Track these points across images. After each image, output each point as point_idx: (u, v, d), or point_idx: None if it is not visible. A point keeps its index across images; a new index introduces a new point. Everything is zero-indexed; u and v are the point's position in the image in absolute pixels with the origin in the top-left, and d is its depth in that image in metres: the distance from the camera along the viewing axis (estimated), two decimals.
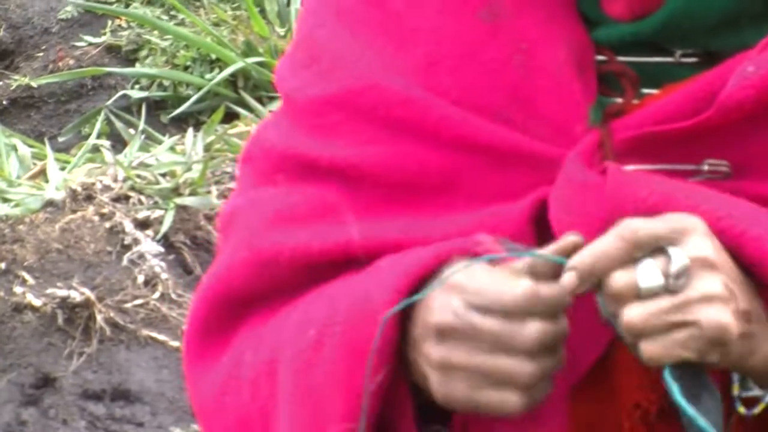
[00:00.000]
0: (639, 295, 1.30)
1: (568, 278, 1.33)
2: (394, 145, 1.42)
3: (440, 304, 1.33)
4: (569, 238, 1.36)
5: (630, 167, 1.38)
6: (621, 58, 1.42)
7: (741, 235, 1.33)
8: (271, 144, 1.51)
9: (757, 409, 1.33)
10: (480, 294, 1.33)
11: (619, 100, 1.40)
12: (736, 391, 1.35)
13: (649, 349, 1.30)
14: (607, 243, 1.32)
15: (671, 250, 1.30)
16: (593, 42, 1.41)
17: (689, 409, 1.31)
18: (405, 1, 1.45)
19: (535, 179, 1.40)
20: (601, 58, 1.41)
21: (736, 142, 1.38)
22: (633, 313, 1.29)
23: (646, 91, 1.40)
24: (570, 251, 1.35)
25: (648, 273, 1.29)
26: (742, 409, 1.34)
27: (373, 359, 1.33)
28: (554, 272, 1.37)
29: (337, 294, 1.40)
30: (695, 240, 1.32)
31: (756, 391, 1.35)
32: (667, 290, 1.30)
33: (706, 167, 1.37)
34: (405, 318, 1.34)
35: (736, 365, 1.36)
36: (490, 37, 1.44)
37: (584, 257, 1.32)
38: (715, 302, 1.31)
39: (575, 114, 1.41)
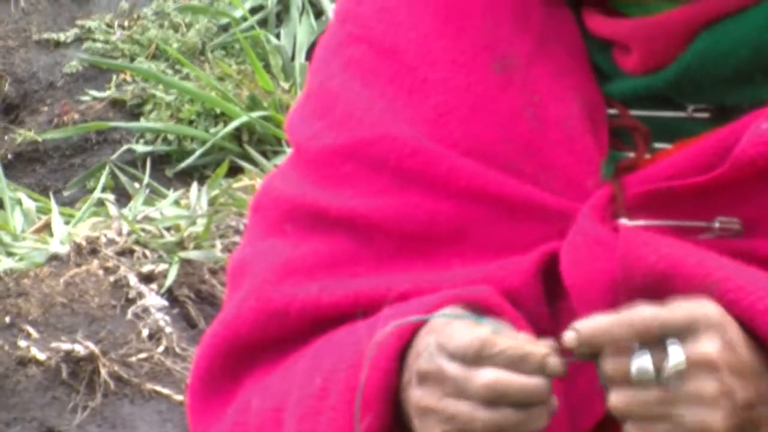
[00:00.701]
0: (630, 381, 1.28)
1: (569, 336, 1.29)
2: (405, 195, 1.42)
3: (422, 349, 1.32)
4: (539, 350, 1.31)
5: (641, 222, 1.36)
6: (633, 112, 1.41)
7: (751, 307, 1.32)
8: (281, 193, 1.50)
9: None
10: (448, 338, 1.31)
11: (632, 154, 1.39)
12: None
13: (630, 429, 1.29)
14: (615, 322, 1.30)
15: (671, 348, 1.28)
16: (605, 95, 1.41)
17: None
18: (416, 52, 1.47)
19: (545, 232, 1.40)
20: (613, 111, 1.41)
21: (748, 199, 1.37)
22: (619, 398, 1.27)
23: (658, 145, 1.39)
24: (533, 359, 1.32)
25: (642, 365, 1.28)
26: None
27: (361, 401, 1.31)
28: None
29: (343, 342, 1.38)
30: (701, 337, 1.30)
31: None
32: (659, 383, 1.29)
33: (717, 224, 1.35)
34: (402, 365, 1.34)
35: None
36: (502, 88, 1.43)
37: (589, 326, 1.29)
38: (705, 404, 1.30)
39: (587, 168, 1.40)
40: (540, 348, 1.31)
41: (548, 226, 1.40)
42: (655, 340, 1.28)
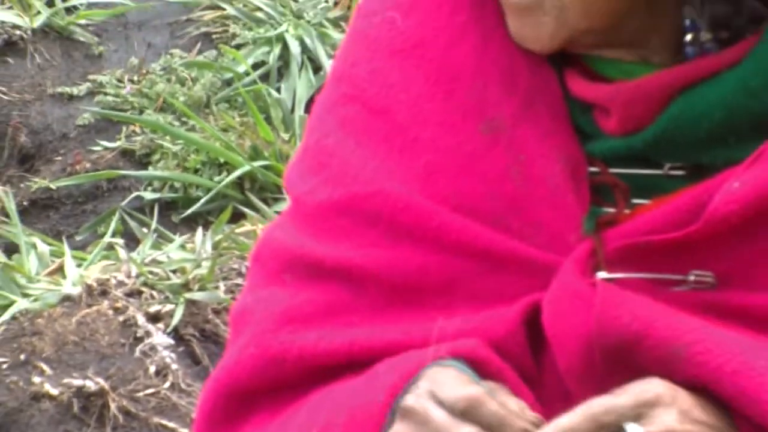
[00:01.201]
0: None
1: None
2: (396, 248, 1.47)
3: (411, 390, 1.37)
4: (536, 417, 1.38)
5: (620, 275, 1.41)
6: (613, 170, 1.44)
7: (718, 369, 1.35)
8: (280, 244, 1.53)
9: None
10: (441, 386, 1.37)
11: (612, 210, 1.43)
12: None
13: None
14: (574, 421, 1.34)
15: (629, 429, 1.32)
16: (587, 154, 1.45)
17: None
18: (407, 113, 1.50)
19: (530, 284, 1.43)
20: (594, 169, 1.44)
21: (721, 254, 1.40)
22: None
23: (636, 201, 1.44)
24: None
25: None
26: None
27: None
28: None
29: (338, 397, 1.43)
30: (658, 413, 1.34)
31: None
32: None
33: (692, 278, 1.40)
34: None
35: None
36: (488, 148, 1.46)
37: (555, 429, 1.34)
38: None
39: (570, 223, 1.44)
40: (520, 422, 1.35)
41: (533, 279, 1.43)
42: (615, 428, 1.33)
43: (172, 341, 3.17)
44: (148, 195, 3.57)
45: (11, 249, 3.46)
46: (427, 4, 1.59)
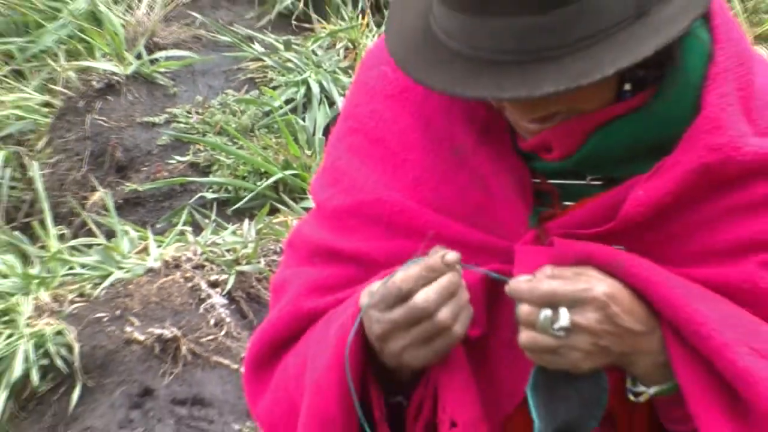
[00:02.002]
0: (535, 327, 1.32)
1: (507, 289, 1.36)
2: (392, 240, 1.45)
3: (367, 321, 1.38)
4: (446, 255, 1.36)
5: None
6: (550, 181, 1.43)
7: (647, 280, 1.34)
8: (307, 236, 1.55)
9: (642, 398, 1.38)
10: (384, 299, 1.35)
11: (549, 209, 1.43)
12: (628, 385, 1.38)
13: (528, 355, 1.35)
14: (529, 289, 1.34)
15: (561, 313, 1.32)
16: (531, 168, 1.43)
17: (530, 396, 1.36)
18: (397, 141, 1.48)
19: (491, 262, 1.42)
20: (536, 180, 1.43)
21: (628, 240, 1.38)
22: (524, 336, 1.33)
23: (567, 203, 1.43)
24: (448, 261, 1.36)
25: (543, 320, 1.31)
26: (632, 397, 1.39)
27: (340, 343, 1.38)
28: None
29: (339, 311, 1.43)
30: (586, 310, 1.33)
31: (641, 387, 1.38)
32: (554, 334, 1.32)
33: None
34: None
35: (624, 369, 1.38)
36: (458, 166, 1.45)
37: (515, 288, 1.34)
38: (579, 352, 1.33)
39: (519, 220, 1.42)
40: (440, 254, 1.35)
41: (493, 258, 1.42)
42: (553, 305, 1.32)
43: (226, 301, 3.16)
44: (209, 195, 3.57)
45: (110, 234, 3.47)
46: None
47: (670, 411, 1.42)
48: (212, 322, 3.03)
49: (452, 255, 1.36)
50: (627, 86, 1.38)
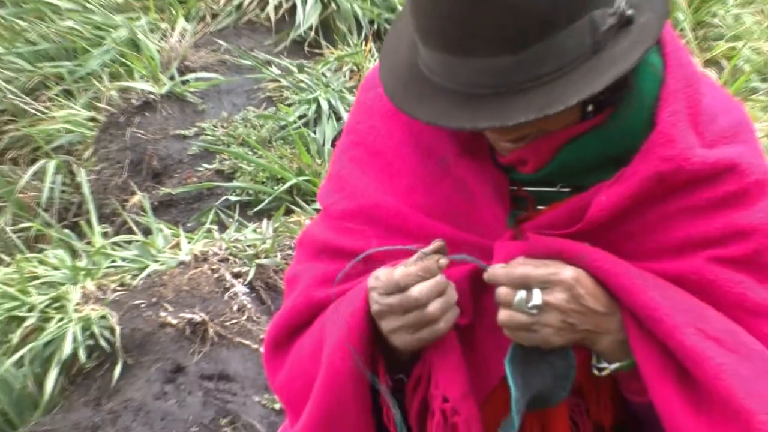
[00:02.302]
0: (511, 306, 1.34)
1: (485, 275, 1.36)
2: (389, 240, 1.44)
3: (370, 299, 1.39)
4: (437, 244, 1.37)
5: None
6: (525, 188, 1.44)
7: (608, 271, 1.35)
8: (315, 236, 1.55)
9: (605, 373, 1.39)
10: (384, 286, 1.37)
11: (525, 213, 1.43)
12: (593, 361, 1.40)
13: (506, 332, 1.36)
14: (505, 273, 1.35)
15: (535, 293, 1.34)
16: (508, 177, 1.43)
17: (510, 376, 1.36)
18: (392, 153, 1.48)
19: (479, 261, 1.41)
20: (513, 188, 1.43)
21: (594, 239, 1.38)
22: (501, 315, 1.35)
23: (540, 207, 1.43)
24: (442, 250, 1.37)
25: (519, 299, 1.33)
26: (596, 372, 1.39)
27: (353, 318, 1.39)
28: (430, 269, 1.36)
29: (347, 296, 1.43)
30: (557, 290, 1.34)
31: (604, 364, 1.39)
32: (528, 311, 1.34)
33: None
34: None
35: (589, 348, 1.39)
36: (444, 176, 1.44)
37: (492, 273, 1.36)
38: (550, 329, 1.35)
39: (499, 222, 1.43)
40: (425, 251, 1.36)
41: (476, 255, 1.41)
42: (528, 287, 1.33)
43: (247, 290, 3.16)
44: (233, 198, 3.56)
45: (147, 232, 3.48)
46: None
47: (629, 384, 1.41)
48: (235, 308, 3.03)
49: (444, 260, 1.37)
50: (590, 108, 1.39)
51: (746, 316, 1.39)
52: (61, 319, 2.87)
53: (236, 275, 3.16)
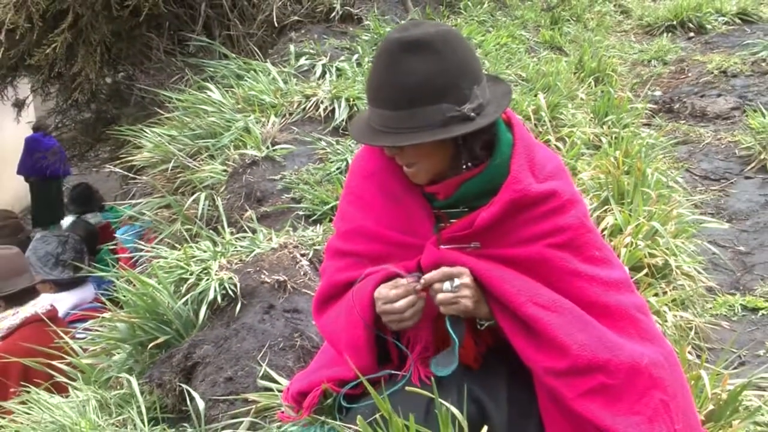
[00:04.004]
0: (442, 291, 1.36)
1: (422, 280, 1.36)
2: (371, 245, 1.46)
3: (377, 299, 1.39)
4: (412, 281, 1.38)
5: (449, 246, 1.43)
6: (443, 210, 1.45)
7: (486, 275, 1.37)
8: (332, 245, 1.55)
9: (483, 327, 1.42)
10: (384, 298, 1.40)
11: (443, 224, 1.44)
12: (477, 322, 1.43)
13: (442, 309, 1.38)
14: (435, 275, 1.38)
15: (455, 280, 1.36)
16: (432, 205, 1.45)
17: (451, 331, 1.38)
18: (368, 197, 1.48)
19: (417, 254, 1.44)
20: (435, 210, 1.45)
21: (482, 238, 1.40)
22: (439, 296, 1.37)
23: (453, 220, 1.45)
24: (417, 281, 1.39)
25: (446, 286, 1.37)
26: (479, 327, 1.43)
27: (364, 305, 1.40)
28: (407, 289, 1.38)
29: (355, 289, 1.43)
30: (464, 277, 1.37)
31: (483, 322, 1.43)
32: (452, 291, 1.36)
33: (472, 245, 1.42)
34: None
35: (474, 316, 1.42)
36: (397, 205, 1.46)
37: (427, 277, 1.38)
38: (466, 299, 1.37)
39: (428, 230, 1.44)
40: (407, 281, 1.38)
41: (418, 252, 1.43)
42: (449, 279, 1.37)
43: (308, 263, 3.07)
44: (301, 213, 3.50)
45: (254, 232, 3.39)
46: (369, 154, 1.52)
47: (496, 329, 1.42)
48: (302, 273, 2.98)
49: (420, 285, 1.37)
50: (469, 164, 1.40)
51: (569, 277, 1.37)
52: (208, 279, 2.83)
53: (303, 255, 3.13)
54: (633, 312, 1.35)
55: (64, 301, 3.50)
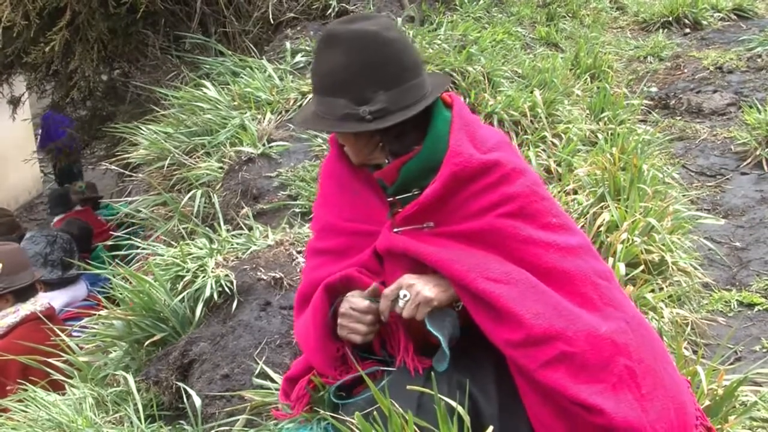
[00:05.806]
0: (395, 300, 1.38)
1: (382, 296, 1.39)
2: (338, 239, 1.49)
3: (342, 304, 1.42)
4: (375, 286, 1.42)
5: (403, 228, 1.43)
6: (397, 197, 1.46)
7: (439, 261, 1.36)
8: (310, 245, 1.58)
9: (459, 308, 1.41)
10: (352, 305, 1.42)
11: (397, 209, 1.46)
12: (454, 305, 1.41)
13: (417, 317, 1.37)
14: (392, 287, 1.39)
15: (403, 290, 1.37)
16: (386, 192, 1.46)
17: (432, 330, 1.36)
18: (331, 195, 1.51)
19: (373, 242, 1.46)
20: (390, 199, 1.47)
21: (432, 216, 1.40)
22: (404, 314, 1.38)
23: (405, 204, 1.45)
24: (376, 291, 1.41)
25: (401, 304, 1.38)
26: (455, 308, 1.41)
27: (322, 313, 1.45)
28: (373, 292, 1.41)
29: (318, 296, 1.45)
30: (415, 287, 1.36)
31: (456, 304, 1.40)
32: (409, 300, 1.36)
33: (425, 225, 1.41)
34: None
35: (450, 301, 1.39)
36: (355, 198, 1.49)
37: (386, 292, 1.40)
38: (421, 294, 1.35)
39: (383, 216, 1.46)
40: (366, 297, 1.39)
41: (372, 238, 1.46)
42: (395, 296, 1.38)
43: (304, 260, 3.02)
44: (297, 210, 3.48)
45: (250, 229, 3.39)
46: (333, 155, 1.53)
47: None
48: (298, 270, 2.95)
49: (384, 317, 1.39)
50: (389, 159, 1.42)
51: (523, 246, 1.36)
52: (204, 277, 2.83)
53: (298, 252, 3.11)
54: (594, 278, 1.35)
55: (55, 300, 3.51)
